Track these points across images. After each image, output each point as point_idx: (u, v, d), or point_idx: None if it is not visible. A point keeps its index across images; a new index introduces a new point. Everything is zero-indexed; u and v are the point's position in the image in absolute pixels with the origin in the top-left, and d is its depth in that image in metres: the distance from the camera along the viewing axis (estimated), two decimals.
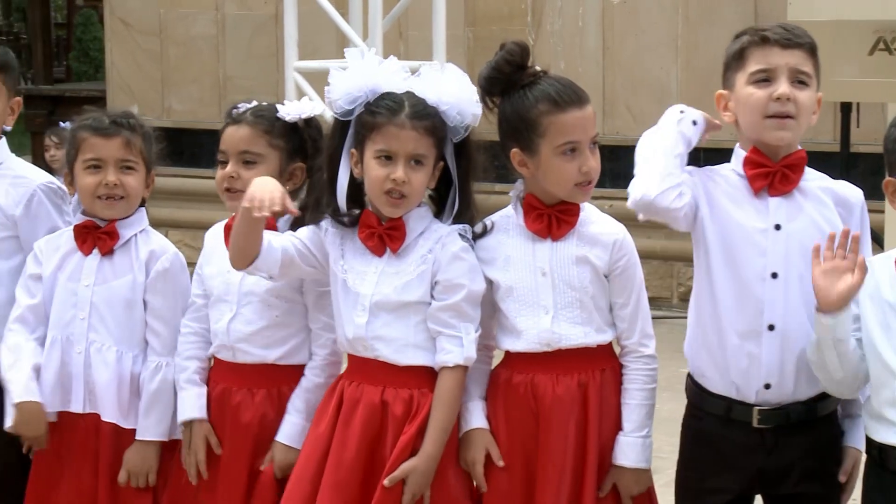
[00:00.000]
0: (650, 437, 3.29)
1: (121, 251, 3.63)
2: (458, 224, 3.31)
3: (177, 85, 9.85)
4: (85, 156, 3.60)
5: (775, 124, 3.17)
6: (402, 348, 3.26)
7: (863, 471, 3.21)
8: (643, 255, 3.40)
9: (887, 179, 3.16)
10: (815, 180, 3.26)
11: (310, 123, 3.54)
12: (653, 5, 8.49)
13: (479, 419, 3.29)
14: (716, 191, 3.24)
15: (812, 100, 3.21)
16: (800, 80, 3.19)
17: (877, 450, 3.11)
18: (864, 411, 3.16)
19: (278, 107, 3.52)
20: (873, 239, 3.41)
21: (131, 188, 3.61)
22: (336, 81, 3.30)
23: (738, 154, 3.26)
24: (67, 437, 3.60)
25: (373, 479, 3.23)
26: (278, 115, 3.50)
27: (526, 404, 3.25)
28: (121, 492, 3.57)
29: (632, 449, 3.26)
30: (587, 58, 8.62)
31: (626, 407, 3.28)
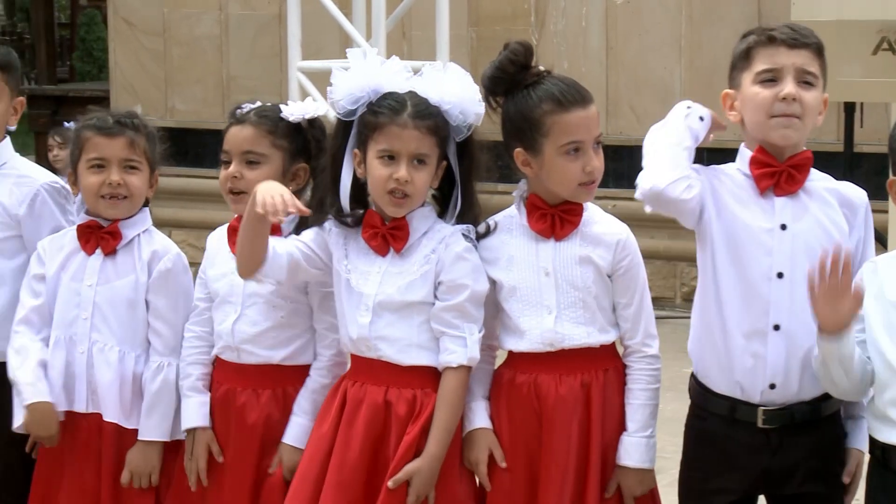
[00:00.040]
0: (654, 437, 3.29)
1: (124, 251, 3.63)
2: (462, 224, 3.31)
3: (180, 85, 9.85)
4: (89, 155, 3.60)
5: (781, 124, 3.16)
6: (406, 348, 3.26)
7: (866, 471, 3.21)
8: (646, 255, 3.39)
9: (891, 179, 3.16)
10: (819, 181, 3.26)
11: (313, 124, 3.54)
12: (656, 5, 8.48)
13: (482, 419, 3.29)
14: (722, 189, 3.23)
15: (818, 100, 3.21)
16: (806, 80, 3.18)
17: (880, 450, 3.11)
18: (868, 411, 3.16)
19: (282, 107, 3.52)
20: (877, 239, 3.41)
21: (135, 188, 3.61)
22: (338, 82, 3.30)
23: (744, 154, 3.26)
24: (70, 437, 3.60)
25: (376, 480, 3.23)
26: (282, 115, 3.50)
27: (529, 404, 3.25)
28: (123, 492, 3.57)
29: (636, 449, 3.25)
30: (591, 58, 8.61)
31: (630, 407, 3.28)
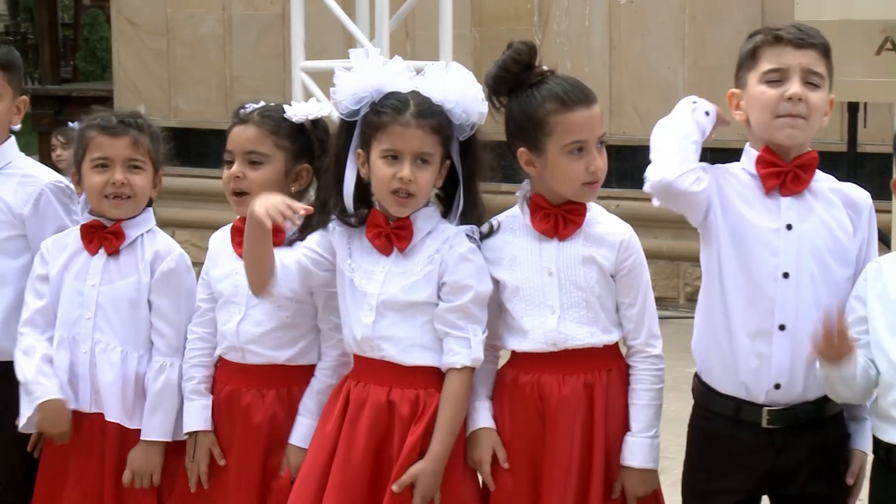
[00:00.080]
0: (658, 437, 3.28)
1: (127, 251, 3.63)
2: (465, 224, 3.30)
3: (184, 85, 9.86)
4: (93, 155, 3.60)
5: (786, 124, 3.16)
6: (409, 348, 3.26)
7: (869, 472, 3.21)
8: (649, 255, 3.39)
9: (895, 179, 3.16)
10: (823, 181, 3.25)
11: (316, 124, 3.53)
12: (660, 5, 8.48)
13: (485, 419, 3.28)
14: (728, 189, 3.23)
15: (824, 101, 3.20)
16: (812, 80, 3.17)
17: (884, 450, 3.11)
18: (871, 412, 3.15)
19: (285, 107, 3.52)
20: (880, 239, 3.41)
21: (138, 187, 3.61)
22: (341, 82, 3.30)
23: (750, 153, 3.25)
24: (74, 437, 3.60)
25: (380, 480, 3.23)
26: (285, 115, 3.50)
27: (532, 404, 3.24)
28: (125, 492, 3.57)
29: (640, 449, 3.25)
30: (594, 58, 8.61)
31: (634, 407, 3.27)
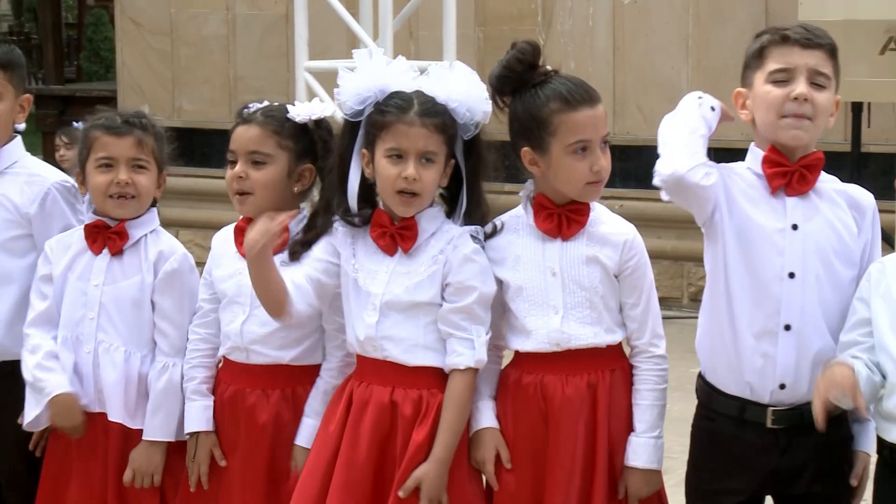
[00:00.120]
0: (662, 437, 3.28)
1: (130, 251, 3.63)
2: (470, 224, 3.30)
3: (187, 85, 9.86)
4: (97, 154, 3.61)
5: (791, 124, 3.15)
6: (412, 349, 3.26)
7: (874, 472, 3.21)
8: (653, 255, 3.39)
9: None
10: (827, 182, 3.25)
11: (320, 124, 3.53)
12: (663, 5, 8.48)
13: (489, 419, 3.28)
14: (733, 188, 3.22)
15: (830, 102, 3.20)
16: (818, 81, 3.17)
17: (888, 450, 3.11)
18: (876, 413, 3.15)
19: (289, 107, 3.52)
20: (884, 239, 3.40)
21: (143, 187, 3.61)
22: (345, 82, 3.30)
23: (755, 153, 3.24)
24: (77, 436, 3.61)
25: (383, 480, 3.23)
26: (288, 115, 3.49)
27: (535, 405, 3.24)
28: (128, 492, 3.57)
29: (644, 450, 3.25)
30: (598, 58, 8.61)
31: (638, 407, 3.27)
